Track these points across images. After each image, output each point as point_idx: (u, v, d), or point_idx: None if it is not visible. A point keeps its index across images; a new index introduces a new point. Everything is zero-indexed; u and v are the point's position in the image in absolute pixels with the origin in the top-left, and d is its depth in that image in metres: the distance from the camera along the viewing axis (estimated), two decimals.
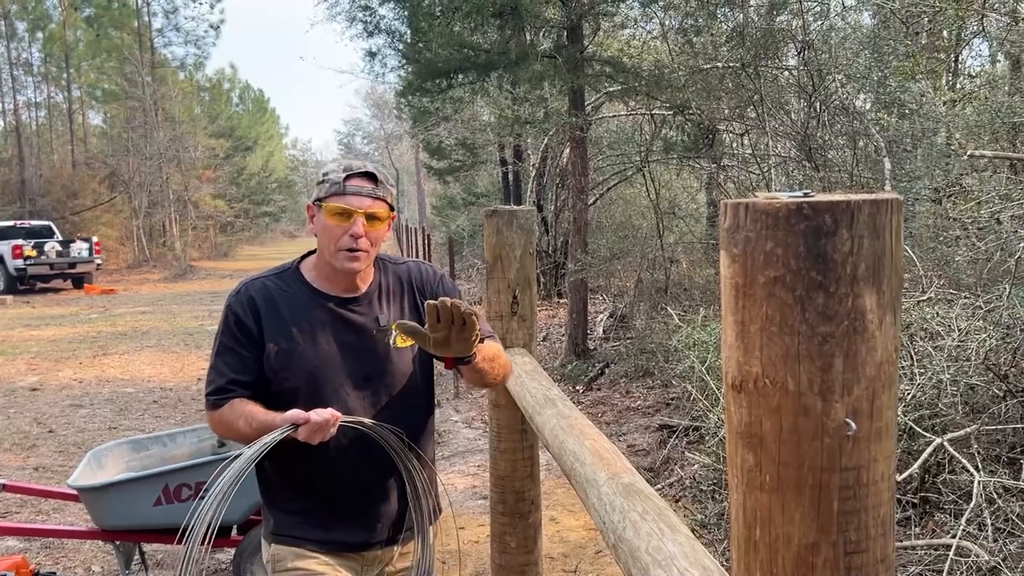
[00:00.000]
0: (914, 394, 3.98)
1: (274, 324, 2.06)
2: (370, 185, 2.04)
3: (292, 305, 2.09)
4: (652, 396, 7.36)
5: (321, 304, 2.10)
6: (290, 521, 2.14)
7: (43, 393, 9.08)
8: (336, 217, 2.01)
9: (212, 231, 40.00)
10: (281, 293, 2.10)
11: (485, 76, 10.10)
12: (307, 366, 2.06)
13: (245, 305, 2.08)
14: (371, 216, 2.03)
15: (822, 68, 7.82)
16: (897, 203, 0.78)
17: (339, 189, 2.01)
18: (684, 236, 10.98)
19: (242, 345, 2.06)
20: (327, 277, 2.12)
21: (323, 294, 2.11)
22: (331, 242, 2.03)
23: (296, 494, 2.15)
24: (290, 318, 2.07)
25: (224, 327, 2.10)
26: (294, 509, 2.14)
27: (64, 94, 37.30)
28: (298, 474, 2.12)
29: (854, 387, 0.79)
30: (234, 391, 2.05)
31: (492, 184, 20.09)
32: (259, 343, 2.06)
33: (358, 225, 2.01)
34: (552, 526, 4.77)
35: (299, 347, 2.06)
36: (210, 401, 2.08)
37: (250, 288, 2.11)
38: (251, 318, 2.06)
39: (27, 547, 4.68)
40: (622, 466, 1.80)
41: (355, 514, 2.15)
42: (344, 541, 2.15)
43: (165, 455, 4.07)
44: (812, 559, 0.81)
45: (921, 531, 3.85)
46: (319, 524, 2.13)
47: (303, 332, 2.07)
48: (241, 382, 2.06)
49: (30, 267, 20.99)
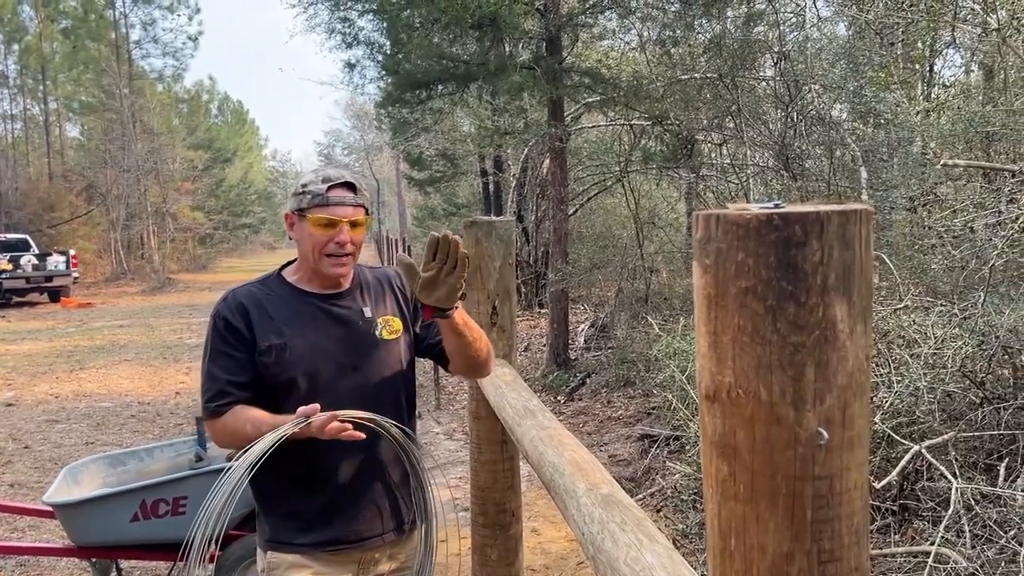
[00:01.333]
0: (892, 402, 4.01)
1: (264, 323, 2.12)
2: (351, 194, 2.12)
3: (279, 305, 2.16)
4: (633, 406, 7.37)
5: (306, 301, 2.17)
6: (285, 526, 2.17)
7: (18, 408, 8.98)
8: (321, 227, 2.09)
9: (191, 243, 39.79)
10: (267, 296, 2.17)
11: (465, 87, 10.12)
12: (300, 359, 2.11)
13: (234, 309, 2.13)
14: (354, 223, 2.12)
15: (799, 78, 7.89)
16: (866, 213, 0.79)
17: (322, 200, 2.09)
18: (664, 246, 11.03)
19: (234, 347, 2.10)
20: (310, 279, 2.19)
21: (307, 292, 2.19)
22: (316, 249, 2.11)
23: (291, 496, 2.16)
24: (278, 316, 2.14)
25: (214, 334, 2.13)
26: (289, 513, 2.16)
27: (41, 106, 37.03)
28: (293, 475, 2.14)
29: (826, 396, 0.79)
30: (233, 394, 2.08)
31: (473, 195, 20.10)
32: (251, 344, 2.10)
33: (344, 233, 2.10)
34: (534, 538, 4.76)
35: (290, 342, 2.11)
36: (210, 409, 2.09)
37: (237, 294, 2.17)
38: (241, 321, 2.11)
39: (2, 565, 4.62)
40: (601, 477, 1.80)
41: (351, 510, 2.17)
42: (341, 539, 2.17)
43: (142, 470, 4.03)
44: (787, 568, 0.82)
45: (900, 538, 3.87)
46: (315, 525, 2.15)
47: (292, 328, 2.13)
48: (238, 383, 2.09)
49: (6, 281, 20.79)
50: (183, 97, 42.63)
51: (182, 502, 3.62)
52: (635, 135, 11.13)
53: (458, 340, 2.13)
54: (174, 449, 4.19)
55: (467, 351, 2.17)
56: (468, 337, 2.13)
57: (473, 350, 2.17)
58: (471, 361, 2.23)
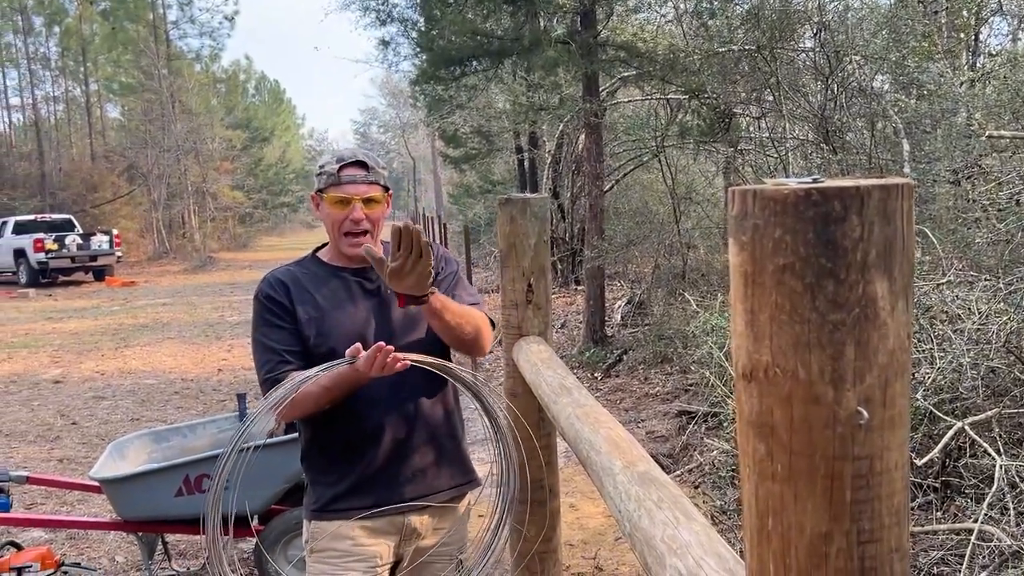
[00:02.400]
0: (934, 378, 3.95)
1: (302, 297, 2.22)
2: (362, 172, 2.21)
3: (314, 281, 2.26)
4: (671, 382, 7.34)
5: (338, 276, 2.27)
6: (329, 494, 2.22)
7: (66, 385, 9.18)
8: (336, 205, 2.19)
9: (231, 222, 40.21)
10: (303, 274, 2.28)
11: (499, 63, 10.07)
12: (337, 330, 2.19)
13: (275, 286, 2.23)
14: (368, 200, 2.20)
15: (839, 49, 7.74)
16: (908, 188, 0.77)
17: (335, 180, 2.19)
18: (701, 221, 10.92)
19: (282, 319, 2.20)
20: (340, 257, 2.28)
21: (339, 268, 2.28)
22: (335, 227, 2.21)
23: (334, 464, 2.23)
24: (316, 292, 2.24)
25: (261, 310, 2.23)
26: (333, 480, 2.22)
27: (82, 88, 37.55)
28: (336, 443, 2.21)
29: (866, 375, 0.78)
30: (291, 363, 2.15)
31: (508, 172, 20.05)
32: (294, 316, 2.20)
33: (357, 210, 2.18)
34: (571, 513, 4.78)
35: (327, 313, 2.21)
36: (269, 380, 2.14)
37: (275, 273, 2.29)
38: (283, 295, 2.22)
39: (52, 538, 4.74)
40: (637, 454, 1.80)
41: (393, 477, 2.22)
42: (383, 502, 2.21)
43: (186, 446, 4.10)
44: (825, 549, 0.81)
45: (942, 516, 3.83)
46: (357, 491, 2.20)
47: (328, 300, 2.23)
48: (293, 352, 2.17)
49: (52, 260, 21.19)
50: (220, 77, 42.96)
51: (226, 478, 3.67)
52: (671, 109, 11.01)
53: (440, 323, 2.16)
54: (216, 425, 4.26)
55: (451, 333, 2.20)
56: (450, 321, 2.15)
57: (458, 332, 2.20)
58: (458, 342, 2.26)
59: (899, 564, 0.83)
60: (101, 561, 4.45)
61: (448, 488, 2.31)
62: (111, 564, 4.42)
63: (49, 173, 31.94)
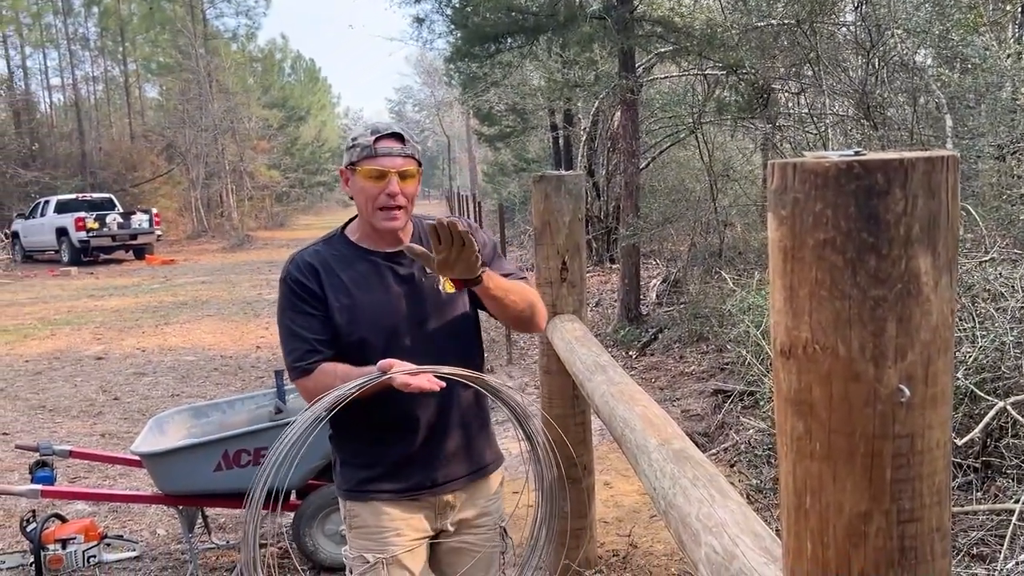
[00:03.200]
0: (976, 357, 3.89)
1: (333, 283, 2.16)
2: (399, 145, 2.12)
3: (344, 264, 2.18)
4: (706, 361, 7.30)
5: (369, 260, 2.20)
6: (363, 476, 2.22)
7: (108, 362, 9.34)
8: (371, 179, 2.11)
9: (268, 201, 40.51)
10: (332, 256, 2.20)
11: (534, 39, 9.99)
12: (369, 317, 2.15)
13: (305, 271, 2.16)
14: (403, 174, 2.12)
15: (881, 23, 7.58)
16: (953, 160, 0.75)
17: (370, 152, 2.10)
18: (739, 199, 10.81)
19: (311, 305, 2.14)
20: (370, 236, 2.21)
21: (370, 251, 2.21)
22: (369, 202, 2.13)
23: (368, 446, 2.22)
24: (346, 277, 2.17)
25: (290, 295, 2.16)
26: (367, 463, 2.21)
27: (120, 68, 37.95)
28: (369, 426, 2.19)
29: (908, 352, 0.76)
30: (321, 352, 2.12)
31: (543, 150, 19.98)
32: (324, 301, 2.14)
33: (393, 184, 2.11)
34: (606, 491, 4.78)
35: (358, 300, 2.15)
36: (298, 369, 2.13)
37: (304, 255, 2.21)
38: (313, 282, 2.15)
39: (96, 511, 4.84)
40: (672, 432, 1.79)
41: (427, 458, 2.22)
42: (419, 485, 2.22)
43: (225, 422, 4.16)
44: (864, 528, 0.80)
45: (983, 496, 3.78)
46: (392, 473, 2.20)
47: (359, 286, 2.16)
48: (323, 340, 2.13)
49: (93, 239, 21.51)
50: (257, 56, 43.17)
51: (263, 453, 3.72)
52: (709, 85, 10.88)
53: (494, 303, 2.14)
54: (255, 401, 4.31)
55: (507, 311, 2.18)
56: (505, 299, 2.13)
57: (513, 309, 2.18)
58: (514, 319, 2.24)
59: (940, 544, 0.82)
60: (143, 534, 4.53)
61: (478, 468, 2.31)
62: (152, 537, 4.50)
63: (89, 153, 32.37)
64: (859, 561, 0.80)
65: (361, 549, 2.22)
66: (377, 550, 2.20)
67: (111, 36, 36.48)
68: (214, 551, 4.23)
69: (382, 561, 2.18)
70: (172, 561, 4.17)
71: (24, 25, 34.10)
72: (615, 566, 3.85)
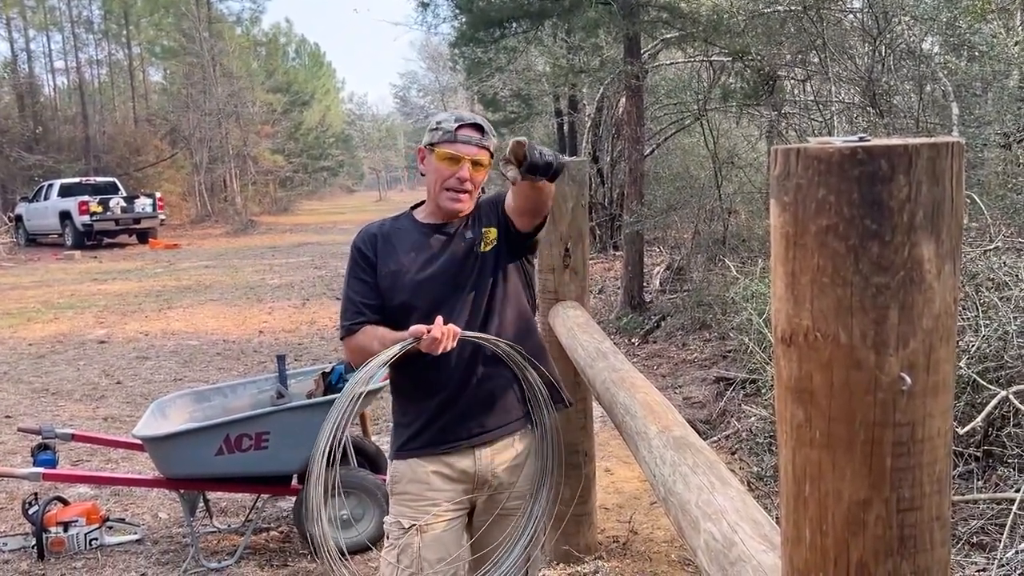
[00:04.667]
0: (979, 346, 3.88)
1: (386, 251, 2.37)
2: (478, 135, 2.29)
3: (401, 236, 2.39)
4: (709, 349, 7.30)
5: (423, 232, 2.38)
6: (407, 434, 2.35)
7: (111, 346, 9.35)
8: (447, 161, 2.27)
9: (272, 186, 40.48)
10: (395, 230, 2.42)
11: (539, 24, 9.95)
12: (411, 284, 2.32)
13: (366, 240, 2.39)
14: (476, 163, 2.29)
15: (888, 10, 7.54)
16: (958, 146, 0.74)
17: (451, 137, 2.27)
18: (743, 186, 10.77)
19: (366, 272, 2.36)
20: (432, 214, 2.39)
21: (426, 224, 2.40)
22: (439, 182, 2.30)
23: (409, 403, 2.38)
24: (399, 245, 2.37)
25: (351, 262, 2.40)
26: (409, 420, 2.36)
27: (124, 51, 37.86)
28: (410, 382, 2.35)
29: (910, 340, 0.76)
30: (365, 315, 2.32)
31: (548, 136, 19.90)
32: (375, 269, 2.36)
33: (465, 170, 2.27)
34: (607, 477, 4.79)
35: (403, 267, 2.33)
36: (345, 327, 2.34)
37: (370, 227, 2.45)
38: (370, 249, 2.38)
39: (98, 494, 4.85)
40: (673, 419, 1.79)
41: (465, 410, 2.33)
42: (459, 436, 2.33)
43: (227, 406, 4.16)
44: (863, 516, 0.79)
45: (984, 485, 3.78)
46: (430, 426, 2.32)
47: (407, 255, 2.35)
48: (370, 305, 2.33)
49: (96, 223, 21.51)
50: (261, 40, 43.03)
51: (264, 437, 3.73)
52: (714, 72, 10.82)
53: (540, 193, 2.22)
54: (257, 386, 4.32)
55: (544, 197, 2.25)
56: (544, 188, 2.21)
57: (546, 194, 2.26)
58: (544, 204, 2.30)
59: (939, 532, 0.82)
60: (144, 517, 4.55)
61: (514, 420, 2.39)
62: (154, 520, 4.52)
63: (93, 136, 32.33)
64: (858, 549, 0.80)
65: (399, 515, 2.33)
66: (413, 517, 2.30)
67: (115, 19, 36.37)
68: (215, 535, 4.24)
69: (416, 528, 2.29)
70: (174, 545, 4.19)
71: (28, 7, 34.01)
72: (615, 552, 3.86)
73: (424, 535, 2.28)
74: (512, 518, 2.41)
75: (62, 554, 4.07)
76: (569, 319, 3.05)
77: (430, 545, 2.29)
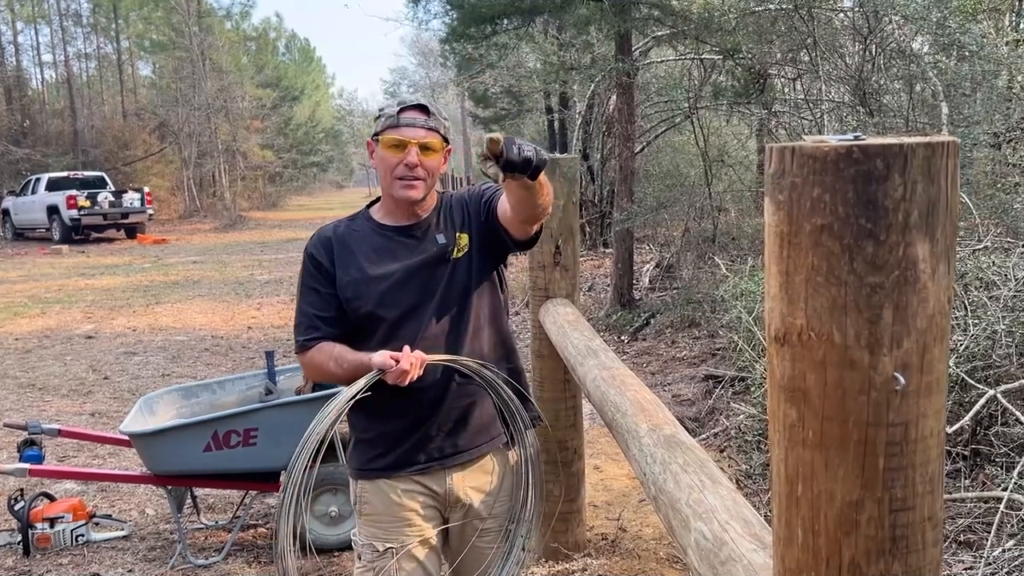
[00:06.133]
0: (967, 345, 3.89)
1: (344, 258, 2.19)
2: (423, 116, 2.13)
3: (360, 241, 2.22)
4: (698, 346, 7.31)
5: (384, 235, 2.22)
6: (372, 453, 2.22)
7: (98, 341, 9.31)
8: (391, 148, 2.11)
9: (261, 181, 40.36)
10: (351, 232, 2.24)
11: (530, 21, 9.94)
12: (376, 291, 2.16)
13: (319, 246, 2.22)
14: (425, 147, 2.11)
15: (878, 9, 7.55)
16: (953, 146, 0.74)
17: (393, 122, 2.11)
18: (733, 184, 10.79)
19: (320, 283, 2.19)
20: (391, 212, 2.23)
21: (387, 226, 2.23)
22: (388, 172, 2.14)
23: (376, 422, 2.21)
24: (359, 251, 2.20)
25: (304, 271, 2.23)
26: (375, 438, 2.21)
27: (113, 45, 37.68)
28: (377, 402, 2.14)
29: (904, 340, 0.75)
30: (320, 329, 2.17)
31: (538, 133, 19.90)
32: (333, 278, 2.19)
33: (412, 155, 2.10)
34: (596, 475, 4.79)
35: (367, 275, 2.17)
36: (299, 343, 2.20)
37: (324, 231, 2.27)
38: (325, 257, 2.20)
39: (84, 490, 4.83)
40: (663, 417, 1.78)
41: (431, 431, 2.20)
42: (428, 459, 2.20)
43: (215, 402, 4.15)
44: (856, 516, 0.79)
45: (971, 484, 3.79)
46: (399, 448, 2.19)
47: (369, 260, 2.19)
48: (324, 318, 2.17)
49: (84, 217, 21.42)
50: (251, 35, 42.89)
51: (253, 434, 3.71)
52: (705, 70, 10.83)
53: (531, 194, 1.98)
54: (245, 382, 4.30)
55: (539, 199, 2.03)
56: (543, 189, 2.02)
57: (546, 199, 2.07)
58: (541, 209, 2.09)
59: (931, 532, 0.82)
60: (131, 513, 4.53)
61: (484, 443, 2.28)
62: (141, 516, 4.50)
63: (81, 130, 32.16)
64: (850, 549, 0.80)
65: (371, 537, 2.21)
66: (386, 539, 2.19)
67: (104, 12, 36.18)
68: (203, 531, 4.23)
69: (391, 551, 2.17)
70: (161, 541, 4.17)
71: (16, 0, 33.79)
72: (604, 550, 3.86)
73: (400, 558, 2.18)
74: (489, 538, 2.30)
75: (48, 550, 4.04)
76: (559, 316, 3.04)
77: (407, 568, 2.19)
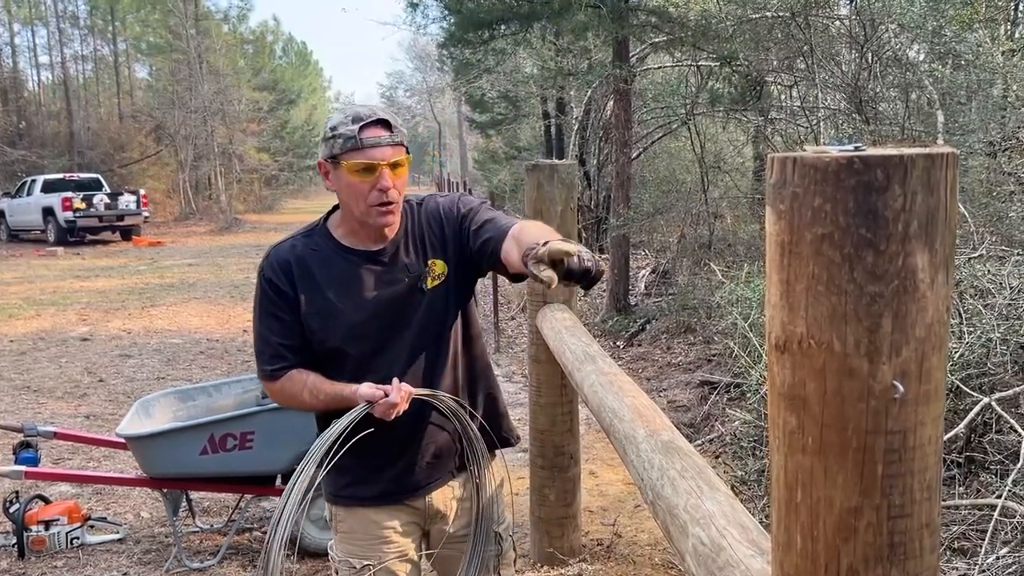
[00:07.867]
0: (962, 353, 3.91)
1: (307, 285, 2.02)
2: (387, 133, 1.93)
3: (321, 264, 2.04)
4: (693, 352, 7.32)
5: (350, 260, 2.05)
6: (343, 481, 2.15)
7: (93, 343, 9.29)
8: (359, 174, 1.92)
9: (257, 184, 40.32)
10: (311, 254, 2.05)
11: (528, 27, 9.96)
12: (344, 325, 2.02)
13: (277, 269, 2.03)
14: (395, 165, 1.94)
15: (875, 17, 7.59)
16: (953, 157, 0.75)
17: (355, 143, 1.90)
18: (729, 191, 10.82)
19: (281, 309, 2.03)
20: (355, 232, 2.05)
21: (352, 250, 2.05)
22: (359, 200, 1.95)
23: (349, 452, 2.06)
24: (322, 278, 2.03)
25: (261, 294, 2.06)
26: (345, 466, 2.06)
27: (110, 47, 37.65)
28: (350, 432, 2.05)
29: (903, 348, 0.76)
30: (287, 358, 2.03)
31: (534, 138, 19.94)
32: (296, 303, 2.02)
33: (385, 178, 1.92)
34: (591, 480, 4.79)
35: (334, 307, 2.02)
36: (266, 372, 2.06)
37: (280, 251, 2.06)
38: (284, 281, 2.02)
39: (79, 493, 4.82)
40: (661, 423, 1.79)
41: (410, 462, 2.14)
42: (403, 489, 2.15)
43: (211, 405, 4.14)
44: (854, 523, 0.80)
45: (965, 491, 3.81)
46: (371, 479, 2.14)
47: (335, 290, 2.03)
48: (289, 346, 2.03)
49: (80, 219, 21.37)
50: (248, 38, 42.88)
51: (249, 437, 3.71)
52: (702, 76, 10.86)
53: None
54: (241, 385, 4.30)
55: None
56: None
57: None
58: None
59: (928, 539, 0.83)
60: (127, 516, 4.52)
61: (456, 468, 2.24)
62: (136, 519, 4.49)
63: (77, 132, 32.13)
64: (848, 555, 0.81)
65: (348, 554, 2.16)
66: (363, 557, 2.14)
67: (101, 14, 36.18)
68: (198, 534, 4.22)
69: (368, 568, 2.13)
70: (156, 544, 4.16)
71: (12, 1, 33.77)
72: (599, 555, 3.86)
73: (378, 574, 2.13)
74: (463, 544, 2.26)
75: (43, 553, 4.04)
76: (557, 321, 3.05)
77: None
